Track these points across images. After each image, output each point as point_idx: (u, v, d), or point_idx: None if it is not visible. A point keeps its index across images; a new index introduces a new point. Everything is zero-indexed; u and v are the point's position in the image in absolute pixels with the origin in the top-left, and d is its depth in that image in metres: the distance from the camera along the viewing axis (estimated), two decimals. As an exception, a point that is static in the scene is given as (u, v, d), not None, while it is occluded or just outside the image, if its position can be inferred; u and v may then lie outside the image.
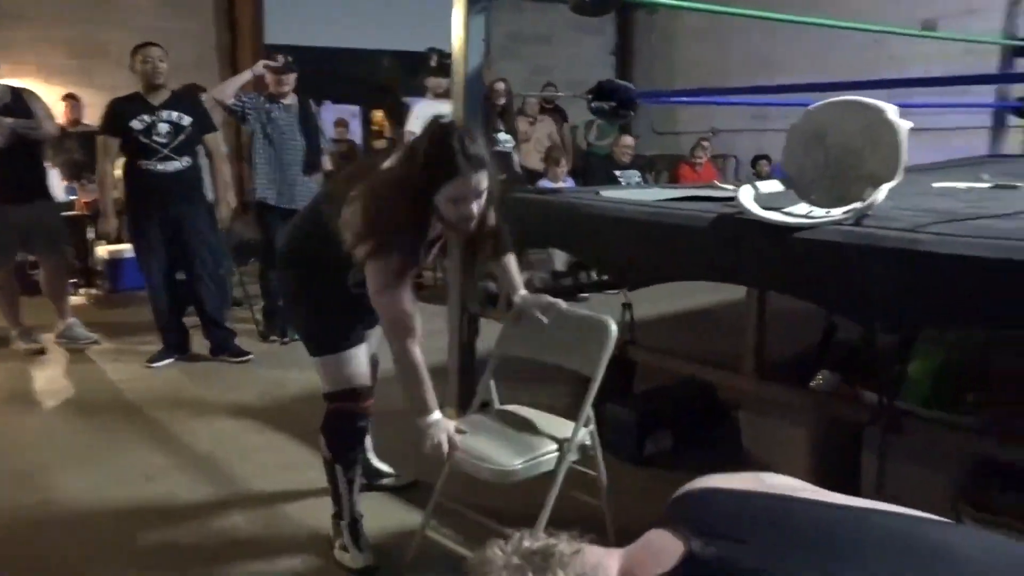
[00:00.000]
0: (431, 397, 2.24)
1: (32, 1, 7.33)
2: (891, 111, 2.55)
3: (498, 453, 2.22)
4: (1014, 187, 3.68)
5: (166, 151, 4.36)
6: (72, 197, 6.32)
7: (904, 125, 2.53)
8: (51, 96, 6.61)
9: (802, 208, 2.58)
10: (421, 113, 6.40)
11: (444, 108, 6.16)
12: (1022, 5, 5.93)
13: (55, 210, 5.03)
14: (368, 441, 2.84)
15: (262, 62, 5.01)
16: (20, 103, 4.61)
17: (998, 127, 5.93)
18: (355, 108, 9.02)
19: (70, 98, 6.80)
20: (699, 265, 2.57)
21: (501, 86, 6.73)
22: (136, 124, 4.32)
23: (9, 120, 4.46)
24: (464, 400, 3.59)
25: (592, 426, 2.32)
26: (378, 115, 8.42)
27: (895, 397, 2.53)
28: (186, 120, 4.43)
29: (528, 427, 2.38)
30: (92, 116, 6.66)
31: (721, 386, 3.12)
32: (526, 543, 1.00)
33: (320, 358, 2.44)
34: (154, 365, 4.49)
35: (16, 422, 3.71)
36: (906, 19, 7.79)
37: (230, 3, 8.22)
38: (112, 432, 3.56)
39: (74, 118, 6.77)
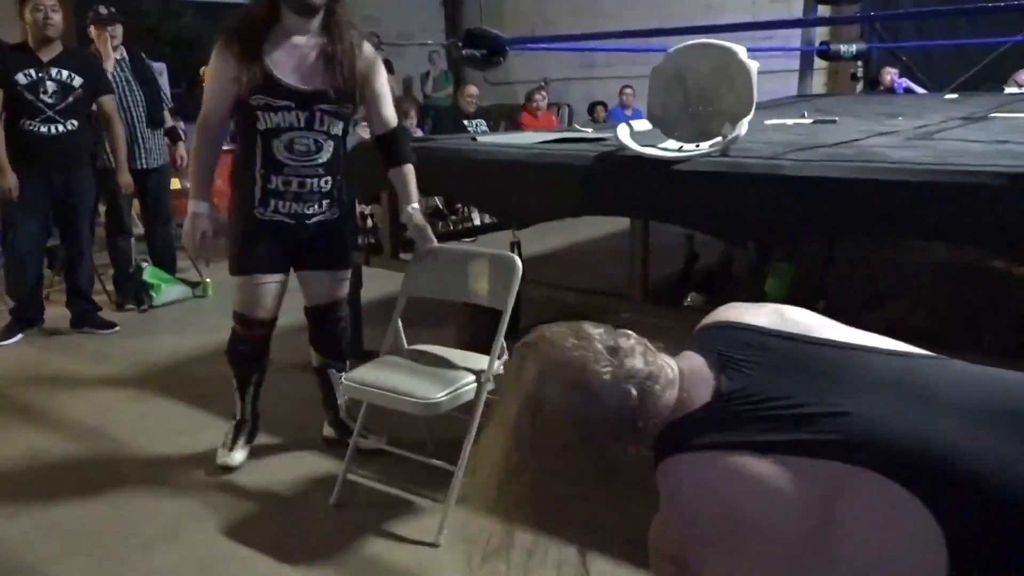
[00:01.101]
0: (201, 186, 2.66)
1: None
2: (742, 52, 2.83)
3: (420, 387, 2.33)
4: (833, 121, 4.15)
5: (51, 112, 4.02)
6: None
7: (753, 65, 2.82)
8: None
9: (673, 144, 2.83)
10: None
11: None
12: (819, -43, 6.52)
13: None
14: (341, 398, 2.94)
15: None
16: None
17: (805, 69, 6.55)
18: (161, 65, 8.47)
19: None
20: (585, 201, 2.76)
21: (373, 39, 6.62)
22: (21, 78, 3.95)
23: None
24: (353, 348, 3.65)
25: (506, 356, 2.47)
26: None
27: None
28: (77, 81, 4.09)
29: (443, 363, 2.49)
30: None
31: (605, 312, 3.36)
32: (610, 336, 1.17)
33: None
34: (4, 343, 4.16)
35: None
36: (718, -31, 8.37)
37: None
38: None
39: None
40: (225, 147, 2.96)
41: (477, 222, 5.74)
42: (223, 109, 2.57)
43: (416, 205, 2.74)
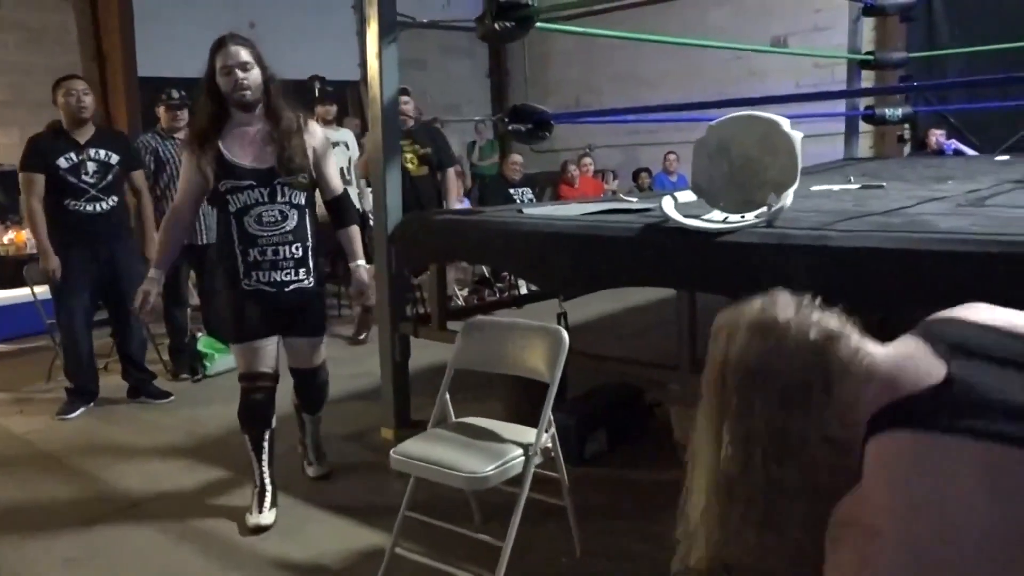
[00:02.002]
0: (162, 260, 3.04)
1: None
2: (785, 123, 2.85)
3: (468, 461, 2.33)
4: (880, 186, 4.12)
5: (94, 191, 4.20)
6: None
7: (797, 135, 2.84)
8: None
9: (717, 215, 2.84)
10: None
11: (334, 136, 6.26)
12: (861, 22, 6.56)
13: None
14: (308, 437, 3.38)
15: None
16: None
17: (851, 133, 6.54)
18: None
19: None
20: (631, 273, 2.78)
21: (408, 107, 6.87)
22: (63, 162, 4.13)
23: None
24: (400, 419, 3.68)
25: (553, 430, 2.46)
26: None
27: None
28: (114, 159, 4.28)
29: (490, 435, 2.50)
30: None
31: (649, 384, 3.35)
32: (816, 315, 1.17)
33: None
34: (68, 417, 4.26)
35: None
36: (761, 36, 8.47)
37: (97, 35, 7.92)
38: (37, 486, 3.40)
39: None
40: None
41: (523, 291, 5.77)
42: (192, 200, 3.00)
43: (361, 262, 3.11)
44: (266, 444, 3.04)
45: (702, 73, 9.29)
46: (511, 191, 6.68)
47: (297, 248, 2.93)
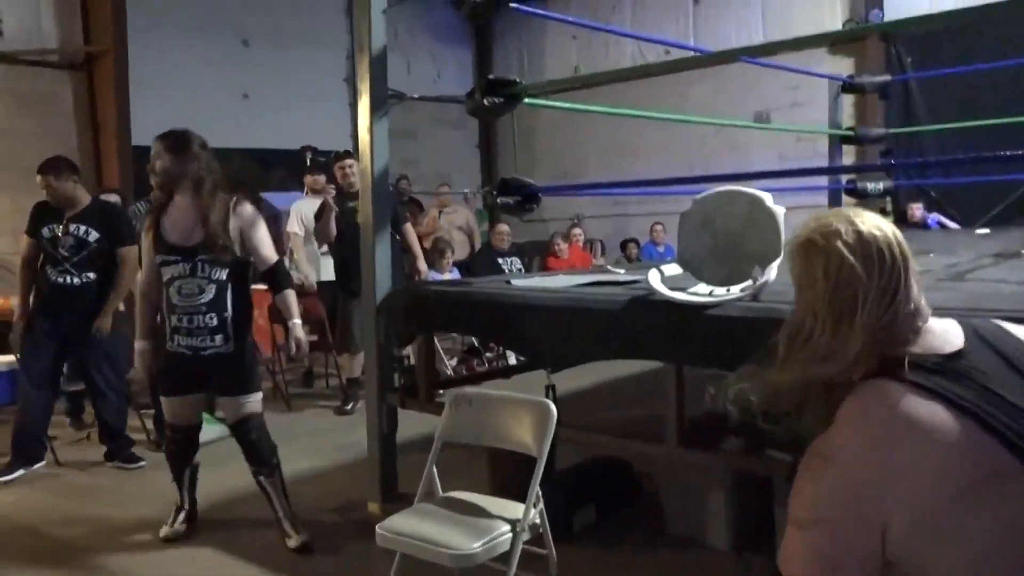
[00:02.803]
0: (144, 329, 3.39)
1: None
2: (767, 199, 2.91)
3: (455, 538, 2.30)
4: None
5: (67, 265, 4.29)
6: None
7: (779, 210, 2.90)
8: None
9: (703, 288, 2.87)
10: (301, 210, 6.47)
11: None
12: (840, 99, 6.77)
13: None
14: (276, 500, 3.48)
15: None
16: None
17: (834, 206, 6.67)
18: None
19: None
20: (618, 345, 2.79)
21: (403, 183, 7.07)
22: (45, 232, 4.31)
23: None
24: (387, 491, 3.63)
25: (541, 505, 2.44)
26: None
27: (799, 451, 2.81)
28: (93, 236, 4.32)
29: (477, 511, 2.47)
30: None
31: (639, 457, 3.33)
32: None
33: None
34: (4, 479, 4.24)
35: None
36: (742, 111, 8.69)
37: (92, 102, 8.04)
38: (7, 563, 3.31)
39: None
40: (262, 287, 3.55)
41: (512, 361, 5.77)
42: (152, 274, 3.35)
43: (297, 321, 3.46)
44: (186, 475, 3.51)
45: (686, 146, 9.49)
46: (499, 260, 6.74)
47: (212, 318, 3.24)
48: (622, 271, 4.05)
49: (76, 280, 4.30)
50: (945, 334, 1.25)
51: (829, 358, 1.23)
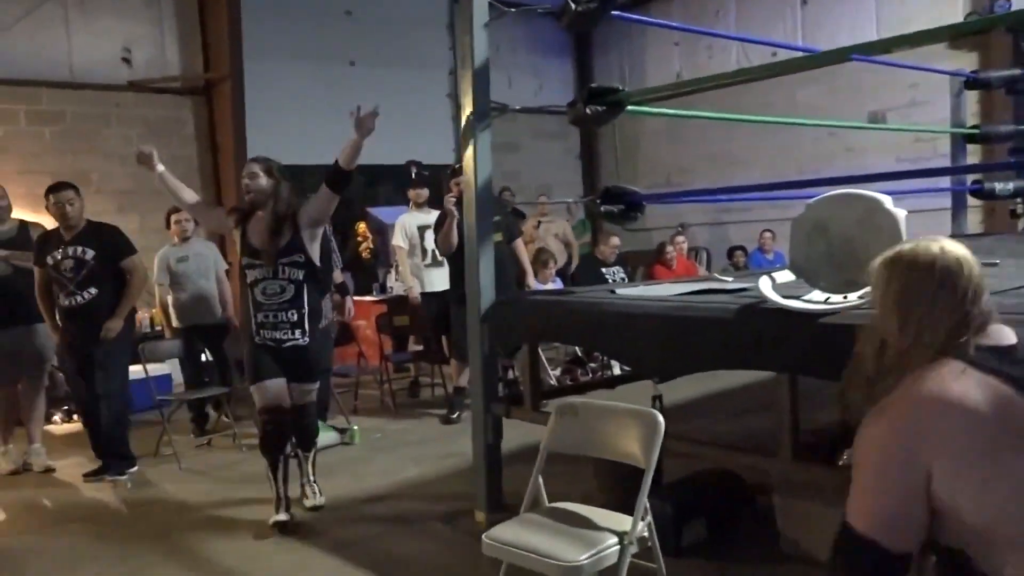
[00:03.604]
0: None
1: (19, 134, 7.49)
2: (887, 201, 2.77)
3: (562, 550, 2.27)
4: (994, 264, 3.92)
5: (71, 286, 4.54)
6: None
7: (900, 213, 2.75)
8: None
9: (818, 295, 2.76)
10: (404, 223, 6.60)
11: (426, 218, 6.44)
12: (963, 96, 6.39)
13: (41, 335, 5.01)
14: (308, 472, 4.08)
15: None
16: (24, 235, 4.94)
17: (958, 209, 6.30)
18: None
19: None
20: (728, 355, 2.71)
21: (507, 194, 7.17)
22: (49, 259, 4.56)
23: (3, 252, 4.80)
24: (492, 500, 3.64)
25: (649, 518, 2.39)
26: (361, 226, 8.64)
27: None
28: (89, 254, 4.56)
29: (584, 522, 2.44)
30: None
31: (750, 470, 3.22)
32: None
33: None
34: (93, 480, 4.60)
35: (40, 546, 3.63)
36: (856, 113, 8.34)
37: (211, 128, 8.48)
38: (137, 560, 3.49)
39: None
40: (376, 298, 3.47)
41: (617, 371, 5.70)
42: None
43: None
44: (280, 466, 3.78)
45: (795, 150, 9.18)
46: (603, 271, 6.67)
47: (292, 314, 3.73)
48: (730, 279, 3.94)
49: (81, 299, 4.54)
50: (1000, 331, 1.51)
51: (903, 356, 1.48)
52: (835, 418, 3.31)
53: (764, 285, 2.73)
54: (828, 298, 2.69)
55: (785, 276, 2.95)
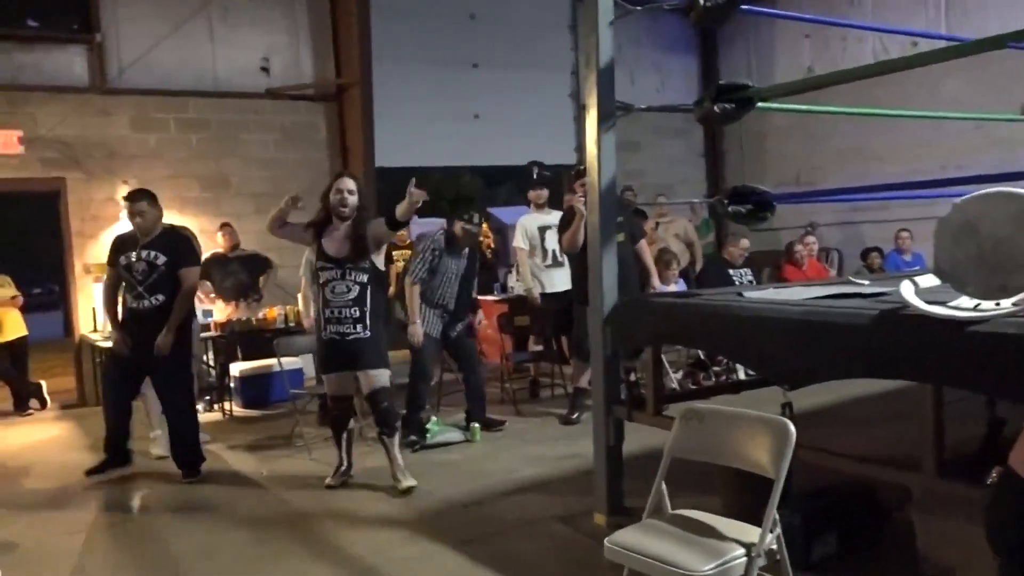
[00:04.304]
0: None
1: (170, 141, 8.03)
2: (1045, 200, 2.56)
3: (686, 558, 2.22)
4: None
5: (140, 289, 4.70)
6: (209, 319, 6.69)
7: (1060, 212, 2.54)
8: (190, 227, 7.15)
9: (966, 301, 2.58)
10: (525, 224, 6.64)
11: (546, 219, 6.45)
12: None
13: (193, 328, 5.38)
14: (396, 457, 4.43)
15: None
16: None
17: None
18: (440, 220, 9.51)
19: (226, 226, 7.23)
20: (866, 363, 2.58)
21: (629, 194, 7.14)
22: (122, 260, 4.76)
23: None
24: (613, 505, 3.61)
25: (778, 530, 2.31)
26: (483, 226, 8.77)
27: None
28: (161, 259, 4.72)
29: (709, 531, 2.38)
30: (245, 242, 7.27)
31: (886, 484, 3.05)
32: None
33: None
34: (94, 477, 4.76)
35: (178, 537, 3.87)
36: (1006, 104, 7.75)
37: (341, 132, 8.81)
38: (270, 545, 3.67)
39: (233, 243, 7.16)
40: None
41: (741, 375, 5.54)
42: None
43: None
44: (344, 438, 4.48)
45: (936, 144, 8.64)
46: (730, 272, 6.49)
47: (355, 311, 4.24)
48: (866, 282, 3.75)
49: (148, 303, 4.68)
50: None
51: None
52: (979, 431, 3.12)
53: (906, 290, 2.58)
54: (978, 304, 2.52)
55: (929, 280, 2.78)
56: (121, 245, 4.83)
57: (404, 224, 4.36)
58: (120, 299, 4.91)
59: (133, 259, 4.72)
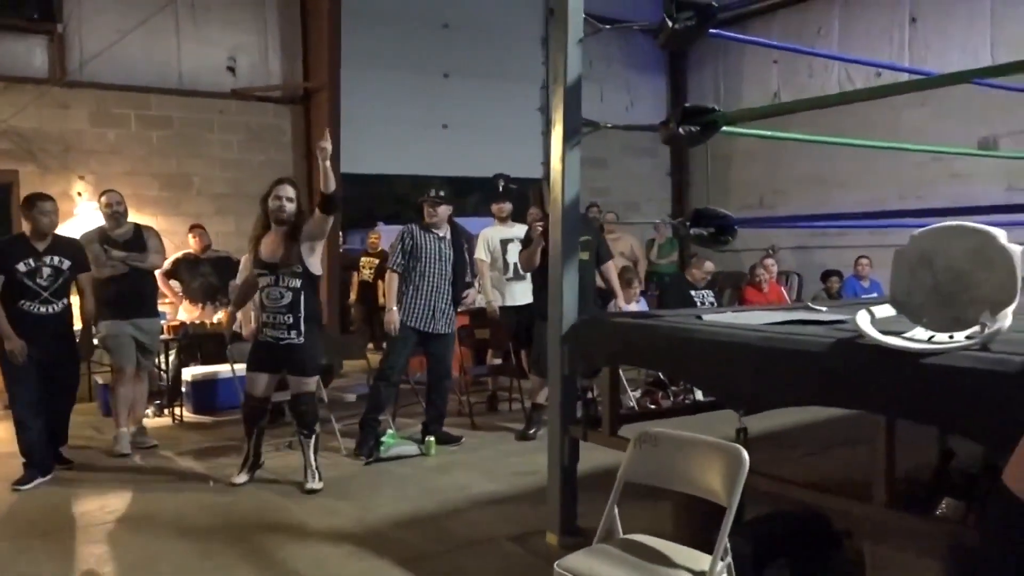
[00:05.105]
0: (236, 306, 5.08)
1: (129, 138, 7.86)
2: (1002, 236, 2.58)
3: (635, 585, 2.19)
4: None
5: (46, 294, 4.69)
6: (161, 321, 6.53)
7: (1016, 248, 2.56)
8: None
9: (921, 333, 2.59)
10: (487, 236, 6.61)
11: (509, 232, 6.43)
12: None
13: (152, 328, 5.58)
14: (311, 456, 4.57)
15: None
16: (138, 238, 5.37)
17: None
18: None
19: (197, 227, 7.07)
20: (821, 392, 2.58)
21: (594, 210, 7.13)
22: (21, 267, 4.64)
23: (120, 253, 5.23)
24: (565, 524, 3.57)
25: (729, 559, 2.28)
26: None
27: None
28: (66, 264, 4.78)
29: (660, 558, 2.34)
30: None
31: (838, 513, 3.05)
32: None
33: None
34: (23, 488, 4.58)
35: (119, 548, 3.75)
36: (964, 138, 7.92)
37: (307, 136, 8.70)
38: (214, 559, 3.57)
39: (204, 245, 7.01)
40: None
41: (699, 396, 5.55)
42: (252, 278, 4.62)
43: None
44: (254, 434, 4.60)
45: (895, 175, 8.80)
46: (692, 293, 6.52)
47: (289, 317, 4.41)
48: (823, 309, 3.77)
49: (53, 308, 4.72)
50: None
51: None
52: (928, 458, 3.13)
53: (862, 319, 2.59)
54: (932, 336, 2.53)
55: (885, 311, 2.79)
56: (9, 251, 4.70)
57: (336, 202, 4.31)
58: None
59: (34, 265, 4.67)
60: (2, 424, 5.77)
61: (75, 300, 5.02)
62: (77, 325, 5.07)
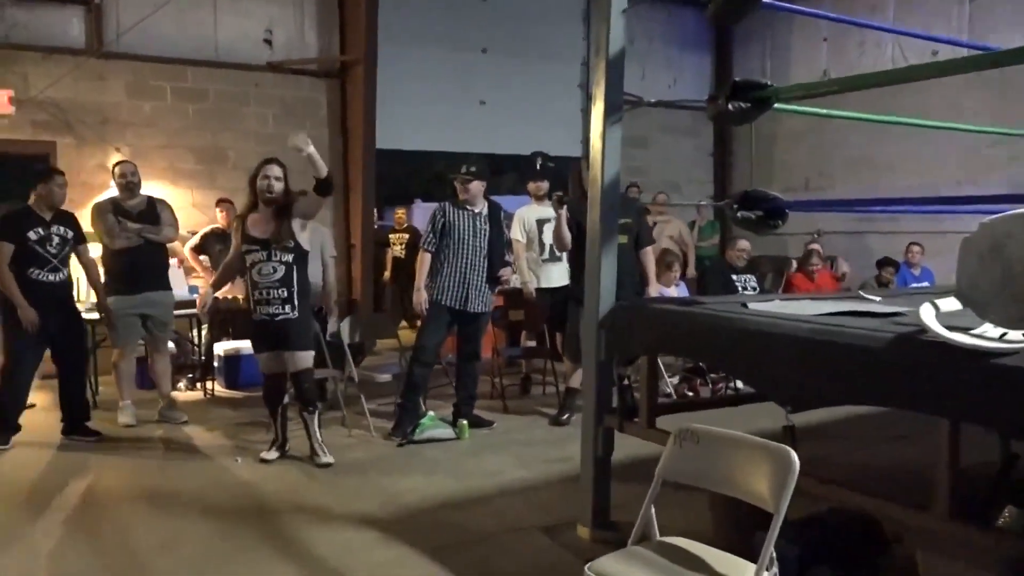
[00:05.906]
0: (219, 284, 4.85)
1: (165, 111, 7.80)
2: (1082, 225, 2.37)
3: (673, 595, 2.05)
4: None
5: (55, 262, 4.90)
6: (194, 296, 6.48)
7: (1098, 239, 2.35)
8: (182, 199, 6.94)
9: (991, 329, 2.39)
10: (523, 216, 6.46)
11: (545, 212, 6.25)
12: None
13: (166, 301, 5.57)
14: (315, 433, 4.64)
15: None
16: (152, 210, 5.37)
17: None
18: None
19: (224, 202, 6.99)
20: (877, 390, 2.39)
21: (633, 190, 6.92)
22: (32, 235, 4.82)
23: (136, 225, 5.25)
24: (598, 516, 3.43)
25: (775, 568, 2.13)
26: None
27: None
28: (70, 235, 5.00)
29: (699, 565, 2.19)
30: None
31: (889, 517, 2.87)
32: None
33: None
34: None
35: (141, 526, 3.70)
36: (1025, 120, 7.53)
37: (343, 111, 8.58)
38: (235, 540, 3.49)
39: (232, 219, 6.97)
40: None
41: (741, 385, 5.35)
42: (238, 255, 4.50)
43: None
44: (279, 413, 4.62)
45: (949, 159, 8.44)
46: (734, 278, 6.29)
47: (282, 291, 4.39)
48: (877, 299, 3.56)
49: (61, 276, 4.93)
50: None
51: None
52: (988, 461, 2.93)
53: (926, 313, 2.39)
54: (1004, 334, 2.33)
55: (951, 304, 2.59)
56: (19, 220, 4.86)
57: (329, 185, 4.30)
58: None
59: (44, 234, 4.85)
60: (41, 392, 5.78)
61: (78, 278, 5.27)
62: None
